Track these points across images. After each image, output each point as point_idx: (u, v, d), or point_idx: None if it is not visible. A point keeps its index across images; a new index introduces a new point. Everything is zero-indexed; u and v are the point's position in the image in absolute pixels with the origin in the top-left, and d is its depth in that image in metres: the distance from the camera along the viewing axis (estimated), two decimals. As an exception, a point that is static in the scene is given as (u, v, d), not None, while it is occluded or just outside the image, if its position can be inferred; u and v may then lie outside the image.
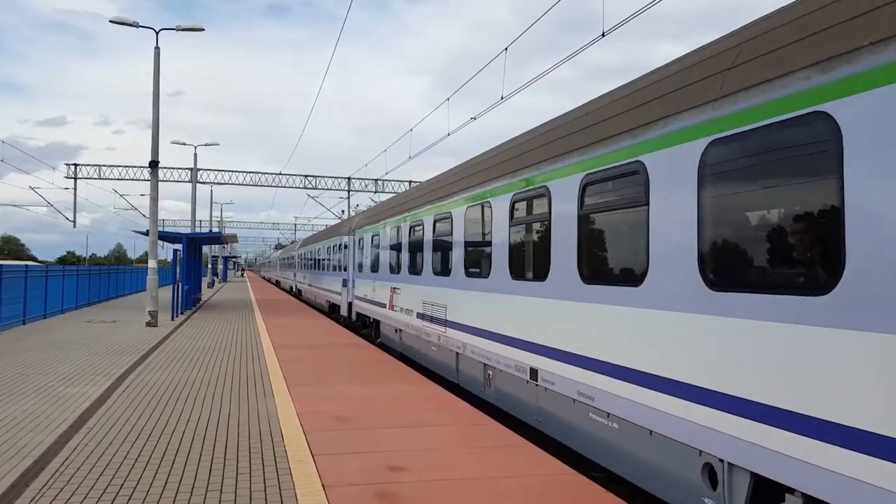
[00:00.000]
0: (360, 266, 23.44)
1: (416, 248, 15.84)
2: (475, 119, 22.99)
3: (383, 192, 56.29)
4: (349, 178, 58.28)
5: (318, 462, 7.37)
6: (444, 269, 13.48)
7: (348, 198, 58.91)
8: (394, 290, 18.06)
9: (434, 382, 12.67)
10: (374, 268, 20.76)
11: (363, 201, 65.33)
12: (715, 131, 5.78)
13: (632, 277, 7.01)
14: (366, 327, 23.02)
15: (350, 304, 25.32)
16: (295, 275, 55.60)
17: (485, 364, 11.16)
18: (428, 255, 14.71)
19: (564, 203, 8.45)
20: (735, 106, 5.59)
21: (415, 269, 15.76)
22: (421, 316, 15.11)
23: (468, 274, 12.02)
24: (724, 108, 5.72)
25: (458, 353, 12.58)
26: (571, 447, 8.33)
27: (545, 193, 8.97)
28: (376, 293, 20.46)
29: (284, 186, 58.44)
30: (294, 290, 55.19)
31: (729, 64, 5.89)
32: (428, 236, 14.65)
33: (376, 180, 57.21)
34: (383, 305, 19.32)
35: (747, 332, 5.34)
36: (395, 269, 17.97)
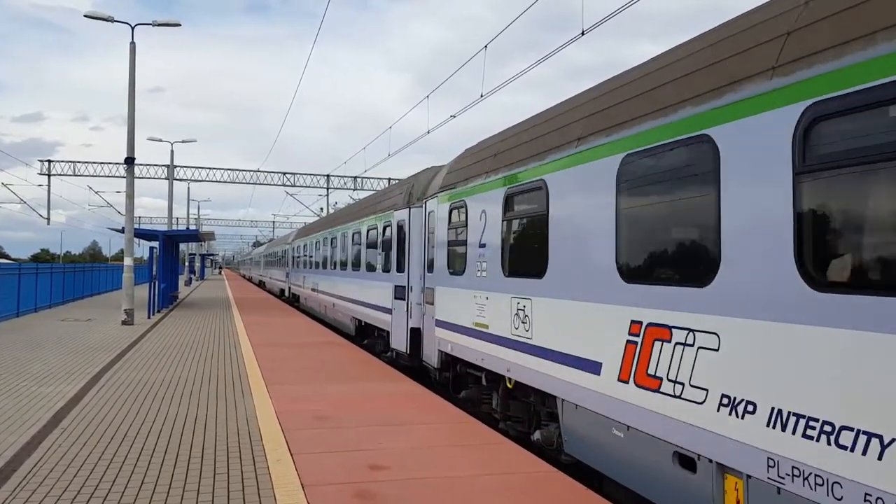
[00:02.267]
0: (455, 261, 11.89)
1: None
2: (454, 117, 22.95)
3: (362, 189, 56.14)
4: (328, 176, 58.06)
5: (297, 461, 7.30)
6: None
7: (327, 195, 58.69)
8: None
9: (416, 381, 12.62)
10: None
11: (342, 199, 65.18)
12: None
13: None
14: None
15: (418, 333, 14.20)
16: (289, 274, 41.94)
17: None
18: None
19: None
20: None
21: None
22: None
23: None
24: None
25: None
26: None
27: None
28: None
29: (263, 184, 58.17)
30: (288, 294, 42.03)
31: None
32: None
33: (355, 178, 57.05)
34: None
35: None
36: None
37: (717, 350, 5.47)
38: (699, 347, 5.65)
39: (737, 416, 5.20)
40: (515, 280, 9.23)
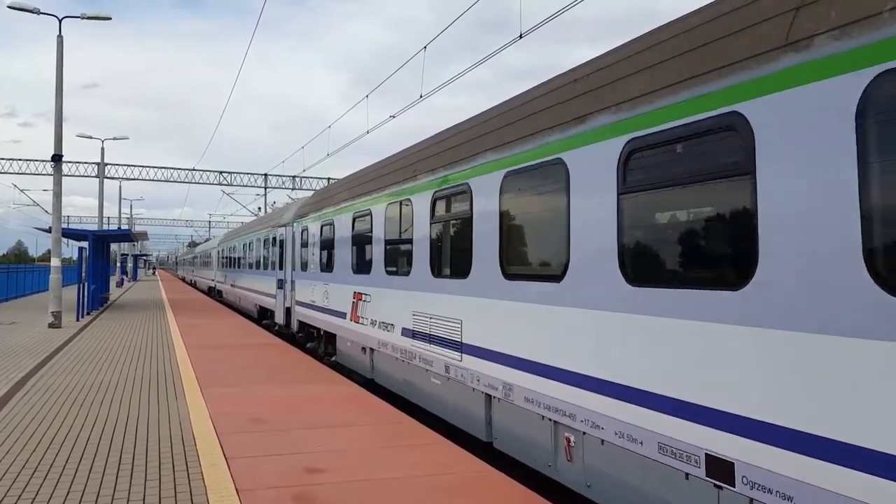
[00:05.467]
0: None
1: None
2: (394, 117, 22.95)
3: (301, 188, 55.56)
4: (266, 175, 57.31)
5: (232, 465, 7.18)
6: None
7: (265, 194, 57.88)
8: None
9: (353, 381, 12.57)
10: None
11: (280, 198, 64.26)
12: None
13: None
14: None
15: (289, 311, 21.63)
16: (215, 273, 47.65)
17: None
18: None
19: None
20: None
21: None
22: None
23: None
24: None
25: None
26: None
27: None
28: None
29: (198, 182, 57.04)
30: (215, 290, 47.19)
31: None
32: None
33: (293, 177, 56.43)
34: None
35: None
36: None
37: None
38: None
39: (373, 326, 12.96)
40: (324, 274, 16.22)
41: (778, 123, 4.51)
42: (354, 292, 13.75)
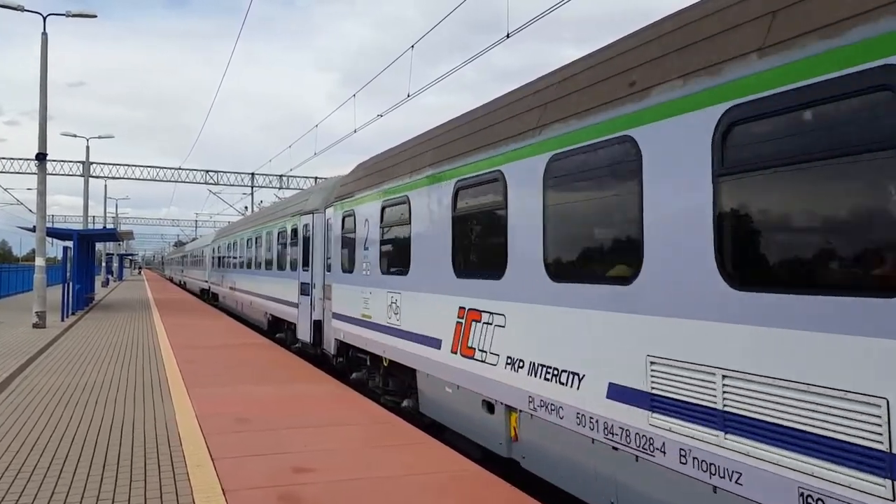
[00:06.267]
0: None
1: None
2: (382, 116, 22.92)
3: (288, 188, 55.39)
4: (252, 174, 57.10)
5: (218, 466, 7.14)
6: None
7: (252, 194, 57.67)
8: None
9: (341, 382, 12.53)
10: None
11: (267, 197, 63.98)
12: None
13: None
14: None
15: (319, 325, 16.54)
16: (209, 274, 41.79)
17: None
18: None
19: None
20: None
21: None
22: None
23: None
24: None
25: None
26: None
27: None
28: None
29: (185, 181, 56.73)
30: (209, 293, 41.47)
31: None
32: None
33: (280, 176, 56.25)
34: None
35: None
36: None
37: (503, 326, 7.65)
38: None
39: (513, 370, 7.43)
40: (390, 277, 11.12)
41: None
42: (460, 307, 8.60)
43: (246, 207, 59.55)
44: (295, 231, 18.48)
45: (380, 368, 11.96)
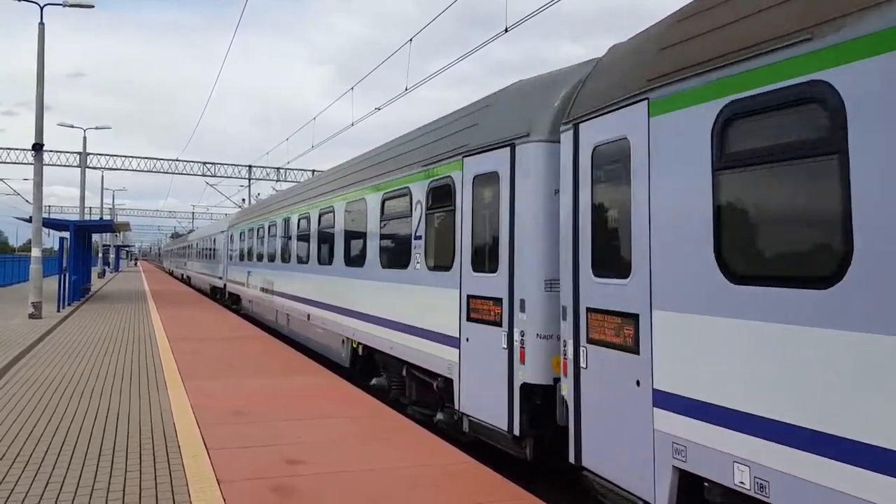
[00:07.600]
0: None
1: None
2: (379, 109, 22.93)
3: (285, 180, 55.37)
4: (250, 167, 57.07)
5: (213, 457, 7.17)
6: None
7: (248, 186, 57.62)
8: None
9: (336, 374, 12.57)
10: None
11: (265, 190, 63.80)
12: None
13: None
14: None
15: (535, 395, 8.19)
16: (226, 269, 31.45)
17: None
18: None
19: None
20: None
21: None
22: None
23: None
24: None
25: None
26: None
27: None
28: None
29: (182, 173, 56.72)
30: (226, 294, 31.78)
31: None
32: None
33: (278, 169, 56.23)
34: None
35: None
36: None
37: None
38: None
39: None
40: None
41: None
42: None
43: (244, 199, 59.50)
44: (449, 192, 9.05)
45: None
